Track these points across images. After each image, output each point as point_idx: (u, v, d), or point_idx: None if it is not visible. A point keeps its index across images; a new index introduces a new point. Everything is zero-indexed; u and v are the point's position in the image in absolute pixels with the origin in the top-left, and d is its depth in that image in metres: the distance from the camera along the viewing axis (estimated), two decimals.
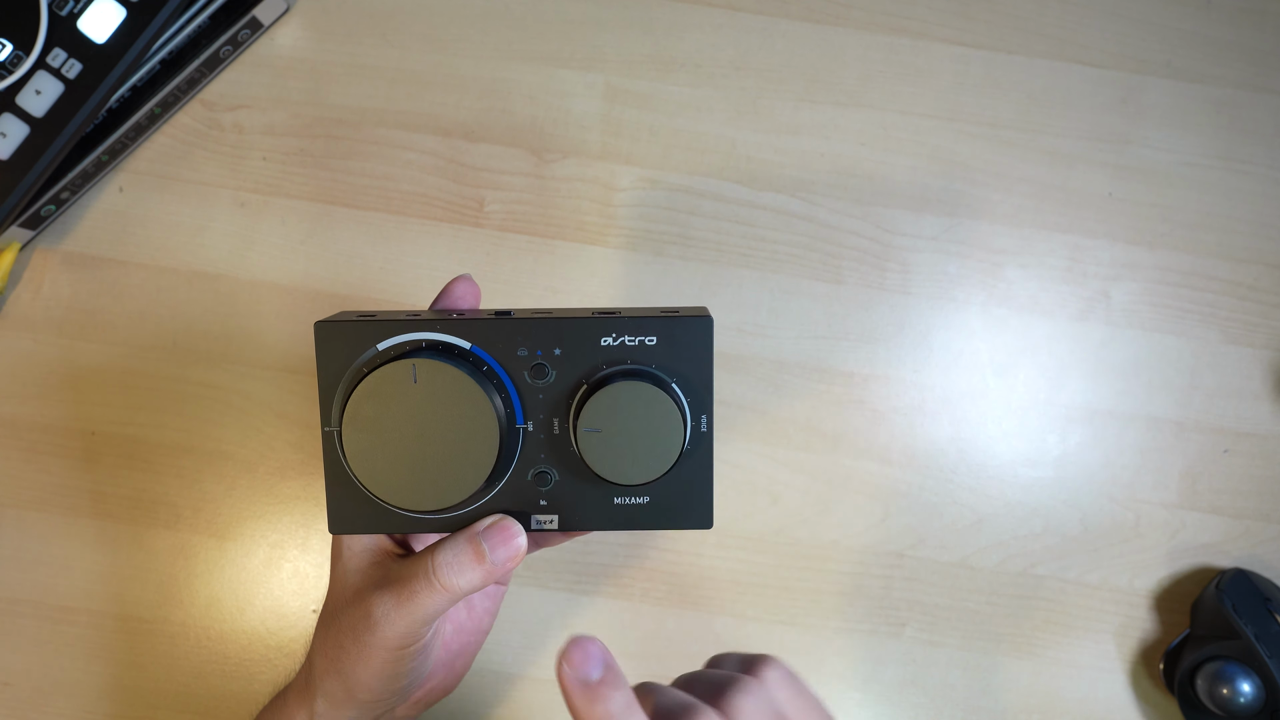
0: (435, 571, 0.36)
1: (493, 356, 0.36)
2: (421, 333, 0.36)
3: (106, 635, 0.56)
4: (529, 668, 0.56)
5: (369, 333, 0.36)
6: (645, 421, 0.35)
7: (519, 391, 0.36)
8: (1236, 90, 0.60)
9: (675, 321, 0.36)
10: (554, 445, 0.37)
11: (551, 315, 0.36)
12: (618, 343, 0.36)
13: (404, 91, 0.59)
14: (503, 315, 0.36)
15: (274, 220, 0.58)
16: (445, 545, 0.36)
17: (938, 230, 0.59)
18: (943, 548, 0.57)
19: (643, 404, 0.35)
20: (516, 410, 0.36)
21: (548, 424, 0.37)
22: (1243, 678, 0.52)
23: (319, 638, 0.40)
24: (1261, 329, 0.58)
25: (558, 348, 0.36)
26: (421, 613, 0.36)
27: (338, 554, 0.39)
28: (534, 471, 0.37)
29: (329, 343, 0.36)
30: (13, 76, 0.51)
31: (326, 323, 0.36)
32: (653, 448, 0.35)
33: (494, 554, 0.36)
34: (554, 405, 0.36)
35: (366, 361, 0.36)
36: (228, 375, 0.57)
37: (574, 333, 0.36)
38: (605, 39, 0.59)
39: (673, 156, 0.59)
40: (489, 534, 0.36)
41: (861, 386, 0.58)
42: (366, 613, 0.37)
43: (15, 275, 0.58)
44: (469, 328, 0.36)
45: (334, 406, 0.36)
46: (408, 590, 0.36)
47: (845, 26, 0.60)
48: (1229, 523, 0.58)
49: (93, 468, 0.57)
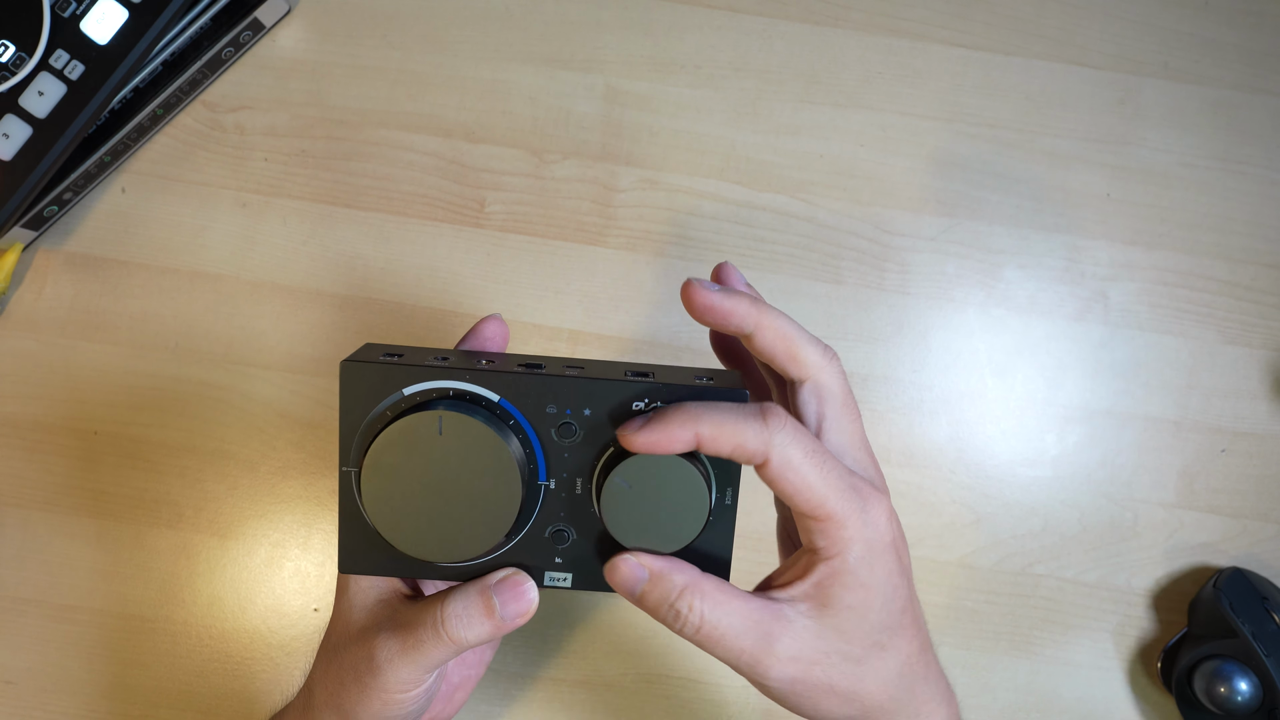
0: (444, 623, 0.35)
1: (520, 411, 0.35)
2: (450, 381, 0.35)
3: (109, 634, 0.56)
4: (529, 667, 0.57)
5: (396, 376, 0.35)
6: (669, 492, 0.34)
7: (544, 448, 0.36)
8: (1234, 91, 0.60)
9: (708, 392, 0.35)
10: (574, 505, 0.36)
11: (584, 374, 0.35)
12: (650, 409, 0.35)
13: (405, 92, 0.59)
14: (533, 368, 0.36)
15: (275, 221, 0.58)
16: (455, 596, 0.36)
17: (936, 231, 0.59)
18: (941, 547, 0.58)
19: (668, 474, 0.34)
20: (540, 467, 0.36)
21: (570, 483, 0.36)
22: (1240, 676, 0.52)
23: (320, 669, 0.39)
24: (1259, 329, 0.59)
25: (587, 408, 0.35)
26: (426, 661, 0.35)
27: (344, 588, 0.39)
28: (552, 529, 0.36)
29: (354, 384, 0.35)
30: (15, 78, 0.51)
31: (353, 362, 0.35)
32: (675, 518, 0.34)
33: (504, 609, 0.35)
34: (578, 465, 0.36)
35: (391, 406, 0.35)
36: (229, 375, 0.58)
37: (605, 395, 0.35)
38: (605, 40, 0.60)
39: (672, 157, 0.59)
40: (500, 588, 0.36)
41: (860, 386, 0.58)
42: (370, 654, 0.36)
43: (18, 276, 0.58)
44: (498, 380, 0.35)
45: (354, 448, 0.35)
46: (414, 638, 0.35)
47: (844, 28, 0.60)
48: (1227, 522, 0.58)
49: (95, 467, 0.57)
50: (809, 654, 0.34)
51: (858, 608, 0.34)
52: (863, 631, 0.34)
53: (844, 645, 0.34)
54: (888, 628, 0.35)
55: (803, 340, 0.35)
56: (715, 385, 0.35)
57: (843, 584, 0.34)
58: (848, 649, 0.34)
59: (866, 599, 0.34)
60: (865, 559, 0.34)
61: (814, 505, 0.33)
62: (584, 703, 0.56)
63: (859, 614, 0.34)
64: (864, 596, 0.34)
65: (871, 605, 0.34)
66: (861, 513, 0.34)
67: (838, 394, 0.36)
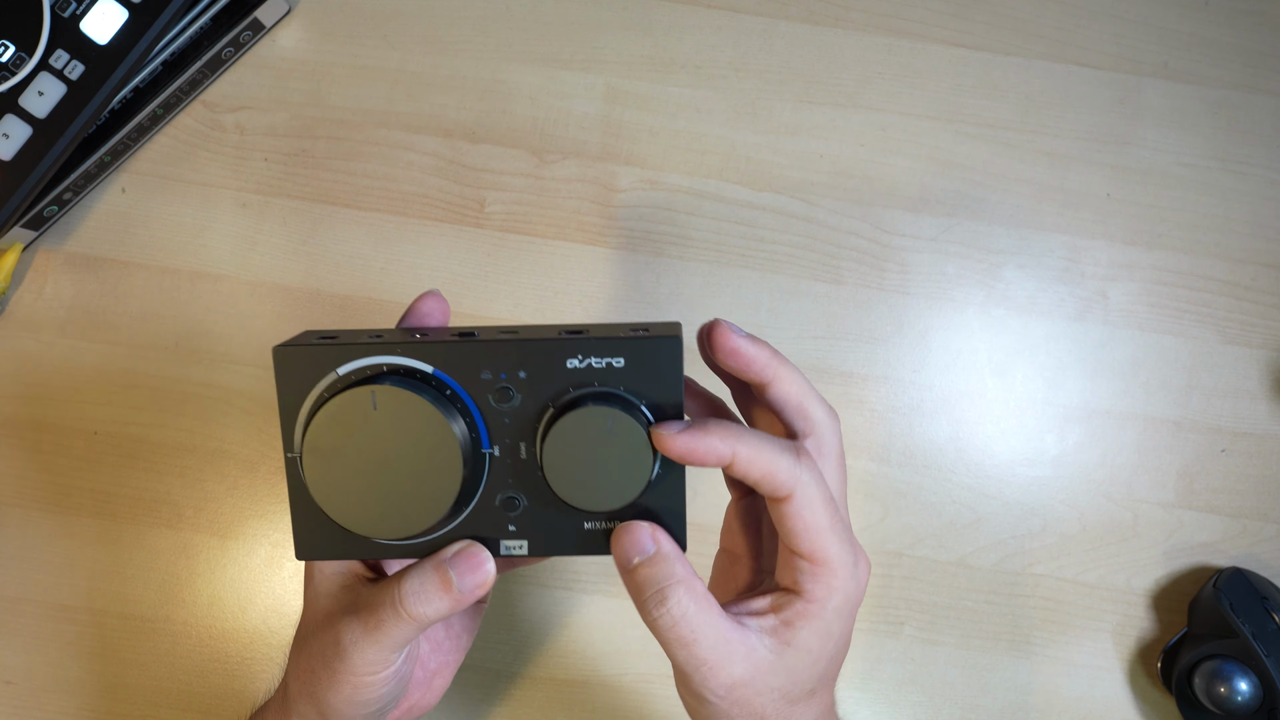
0: (402, 600, 0.35)
1: (456, 380, 0.35)
2: (382, 356, 0.35)
3: (109, 634, 0.56)
4: (529, 667, 0.57)
5: (329, 357, 0.35)
6: (612, 447, 0.34)
7: (484, 416, 0.35)
8: (1234, 91, 0.60)
9: (643, 342, 0.34)
10: (521, 470, 0.36)
11: (517, 336, 0.35)
12: (584, 365, 0.34)
13: (405, 93, 0.59)
14: (466, 336, 0.35)
15: (275, 221, 0.59)
16: (411, 573, 0.36)
17: (936, 231, 0.59)
18: (941, 547, 0.58)
19: (609, 429, 0.34)
20: (482, 435, 0.35)
21: (514, 449, 0.36)
22: (1240, 676, 0.52)
23: (293, 660, 0.39)
24: (1259, 329, 0.59)
25: (522, 370, 0.35)
26: (389, 641, 0.35)
27: (309, 576, 0.39)
28: (502, 497, 0.36)
29: (288, 367, 0.35)
30: (15, 78, 0.51)
31: (285, 347, 0.35)
32: (621, 473, 0.34)
33: (461, 581, 0.35)
34: (520, 429, 0.35)
35: (327, 387, 0.35)
36: (230, 375, 0.58)
37: (539, 355, 0.34)
38: (605, 40, 0.60)
39: (672, 157, 0.59)
40: (456, 561, 0.36)
41: (860, 386, 0.58)
42: (335, 639, 0.36)
43: (18, 276, 0.58)
44: (431, 350, 0.35)
45: (295, 432, 0.35)
46: (375, 619, 0.35)
47: (844, 28, 0.60)
48: (1226, 522, 0.58)
49: (95, 467, 0.57)
50: (756, 683, 0.34)
51: (815, 653, 0.35)
52: (808, 676, 0.35)
53: (789, 684, 0.35)
54: (826, 678, 0.36)
55: (813, 398, 0.37)
56: (651, 335, 0.35)
57: (812, 628, 0.35)
58: (790, 689, 0.35)
59: (824, 647, 0.35)
60: (840, 610, 0.35)
61: (816, 548, 0.34)
62: (584, 703, 0.56)
63: (813, 659, 0.35)
64: (824, 644, 0.35)
65: (826, 654, 0.35)
66: (853, 566, 0.35)
67: (835, 452, 0.38)
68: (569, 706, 0.56)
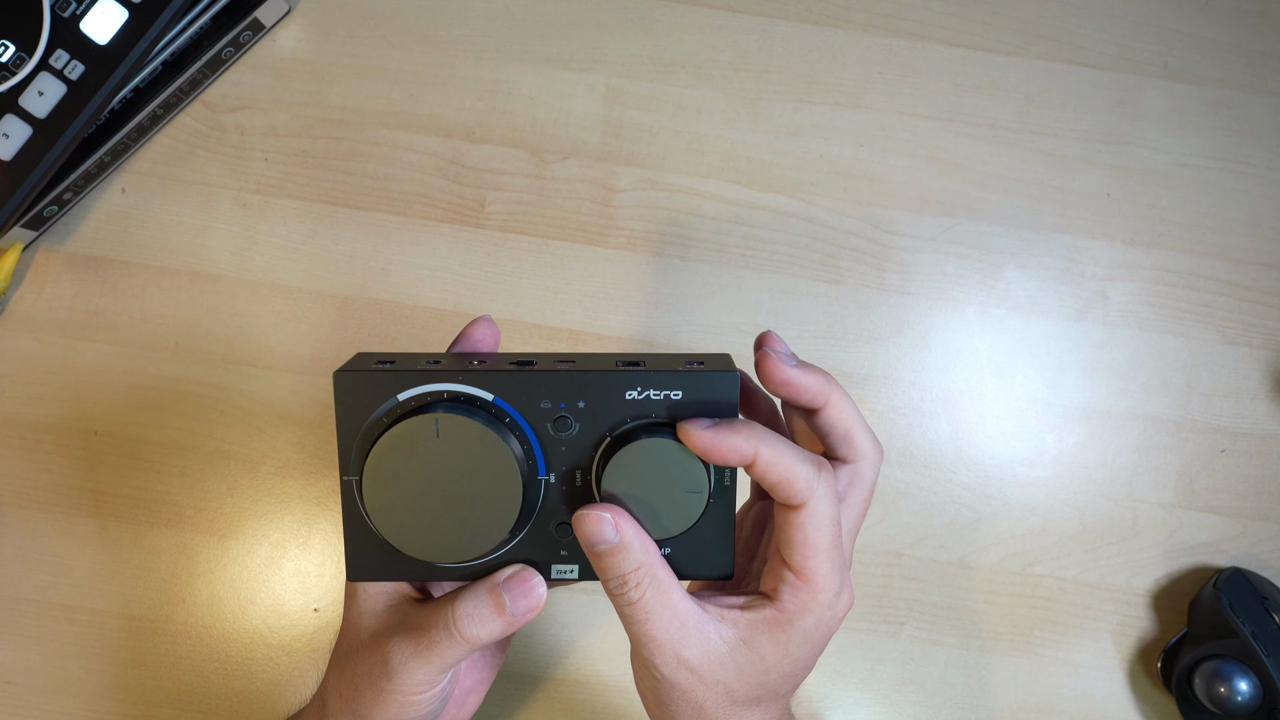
0: (456, 623, 0.36)
1: (515, 408, 0.35)
2: (443, 384, 0.35)
3: (109, 634, 0.56)
4: (530, 668, 0.57)
5: (389, 383, 0.35)
6: (669, 477, 0.34)
7: (541, 443, 0.36)
8: (1234, 91, 0.60)
9: (700, 377, 0.35)
10: (575, 497, 0.36)
11: (575, 367, 0.36)
12: (642, 396, 0.35)
13: (405, 92, 0.59)
14: (525, 365, 0.36)
15: (275, 221, 0.59)
16: (465, 596, 0.36)
17: (936, 231, 0.59)
18: (941, 547, 0.58)
19: (666, 460, 0.34)
20: (539, 462, 0.36)
21: (570, 476, 0.36)
22: (1240, 676, 0.52)
23: (333, 677, 0.40)
24: (1259, 329, 0.59)
25: (581, 401, 0.35)
26: (440, 662, 0.36)
27: (352, 595, 0.39)
28: (555, 523, 0.37)
29: (348, 392, 0.35)
30: (15, 78, 0.51)
31: (346, 372, 0.35)
32: (676, 504, 0.35)
33: (514, 605, 0.36)
34: (576, 458, 0.36)
35: (387, 413, 0.35)
36: (229, 375, 0.58)
37: (598, 386, 0.35)
38: (605, 40, 0.60)
39: (672, 157, 0.59)
40: (509, 585, 0.36)
41: (860, 386, 0.58)
42: (384, 659, 0.37)
43: (18, 276, 0.58)
44: (491, 379, 0.35)
45: (353, 456, 0.36)
46: (427, 640, 0.36)
47: (844, 28, 0.60)
48: (1226, 522, 0.58)
49: (95, 467, 0.57)
50: (703, 671, 0.35)
51: (768, 662, 0.35)
52: (756, 682, 0.35)
53: (735, 684, 0.35)
54: (775, 692, 0.36)
55: (860, 429, 0.37)
56: (706, 368, 0.35)
57: (774, 639, 0.35)
58: (735, 689, 0.35)
59: (780, 663, 0.35)
60: (807, 633, 0.35)
61: (807, 565, 0.34)
62: (584, 703, 0.56)
63: (764, 669, 0.35)
64: (780, 660, 0.35)
65: (779, 669, 0.35)
66: (835, 594, 0.35)
67: (867, 487, 0.38)
68: (569, 707, 0.56)
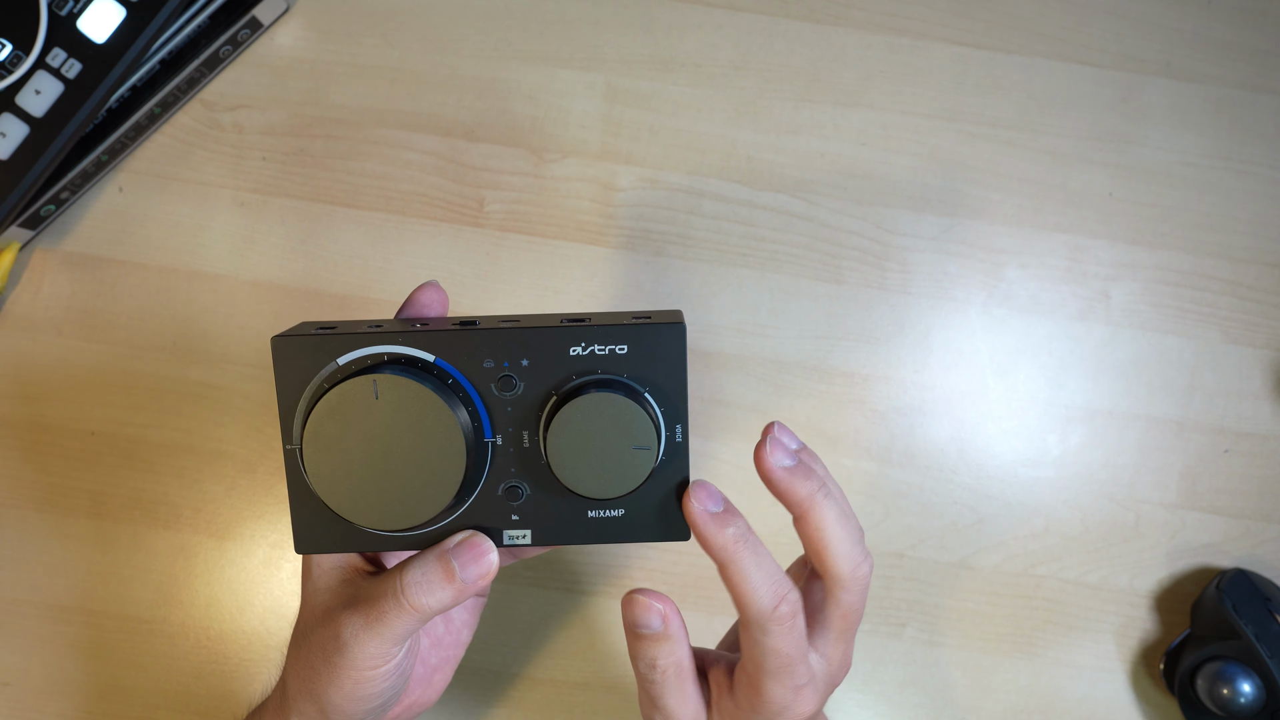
0: (404, 591, 0.35)
1: (457, 369, 0.35)
2: (383, 346, 0.34)
3: (106, 635, 0.56)
4: (528, 668, 0.56)
5: (328, 346, 0.34)
6: (617, 434, 0.34)
7: (486, 404, 0.35)
8: (1237, 90, 0.60)
9: (646, 329, 0.34)
10: (524, 459, 0.35)
11: (518, 324, 0.35)
12: (587, 352, 0.34)
13: (404, 91, 0.59)
14: (468, 325, 0.35)
15: (274, 220, 0.58)
16: (414, 564, 0.35)
17: (938, 230, 0.59)
18: (943, 548, 0.57)
19: (614, 416, 0.33)
20: (484, 424, 0.35)
21: (517, 437, 0.35)
22: (1243, 678, 0.52)
23: (291, 657, 0.39)
24: (1262, 329, 0.58)
25: (525, 358, 0.34)
26: (391, 633, 0.35)
27: (307, 572, 0.39)
28: (505, 486, 0.36)
29: (287, 358, 0.35)
30: (12, 76, 0.51)
31: (284, 337, 0.35)
32: (625, 461, 0.34)
33: (464, 572, 0.35)
34: (523, 418, 0.35)
35: (327, 377, 0.34)
36: (228, 375, 0.57)
37: (541, 343, 0.34)
38: (605, 39, 0.59)
39: (673, 156, 0.59)
40: (458, 551, 0.35)
41: (861, 386, 0.58)
42: (336, 633, 0.36)
43: (15, 275, 0.58)
44: (432, 339, 0.34)
45: (295, 424, 0.35)
46: (376, 610, 0.35)
47: (845, 26, 0.60)
48: (1229, 523, 0.58)
49: (92, 468, 0.57)
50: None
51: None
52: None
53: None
54: None
55: (835, 551, 0.37)
56: (654, 322, 0.35)
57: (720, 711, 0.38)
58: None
59: None
60: None
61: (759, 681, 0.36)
62: (584, 704, 0.56)
63: None
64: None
65: None
66: (786, 705, 0.37)
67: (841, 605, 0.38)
68: (569, 708, 0.56)
